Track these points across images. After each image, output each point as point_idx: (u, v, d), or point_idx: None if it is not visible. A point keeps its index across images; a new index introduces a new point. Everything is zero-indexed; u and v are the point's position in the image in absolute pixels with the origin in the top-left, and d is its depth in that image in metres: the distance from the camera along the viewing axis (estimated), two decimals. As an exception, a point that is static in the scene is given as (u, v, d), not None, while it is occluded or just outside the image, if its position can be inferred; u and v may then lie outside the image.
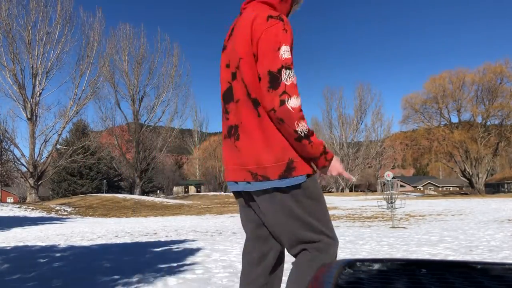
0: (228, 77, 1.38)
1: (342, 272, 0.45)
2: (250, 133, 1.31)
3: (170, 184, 55.35)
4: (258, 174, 1.30)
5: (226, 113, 1.39)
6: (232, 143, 1.37)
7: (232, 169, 1.38)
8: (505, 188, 54.16)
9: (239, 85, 1.33)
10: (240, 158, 1.34)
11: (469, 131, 39.96)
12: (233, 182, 1.40)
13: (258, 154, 1.30)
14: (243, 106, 1.33)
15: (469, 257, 4.42)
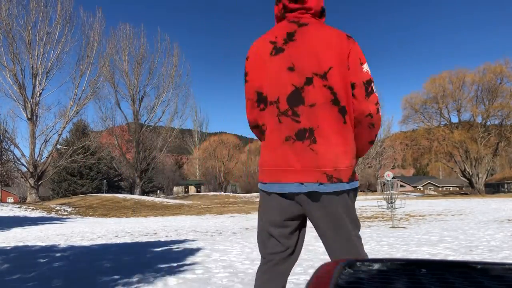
0: (294, 80, 1.43)
1: (342, 272, 0.45)
2: (330, 137, 1.40)
3: (170, 184, 55.35)
4: (333, 176, 1.39)
5: (295, 115, 1.42)
6: (305, 146, 1.40)
7: (302, 171, 1.40)
8: (505, 188, 54.15)
9: (318, 91, 1.40)
10: (317, 160, 1.39)
11: (469, 131, 39.96)
12: (297, 183, 1.40)
13: (337, 157, 1.39)
14: (322, 111, 1.40)
15: (469, 257, 4.42)
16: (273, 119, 1.45)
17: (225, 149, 69.59)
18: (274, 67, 1.46)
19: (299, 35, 1.46)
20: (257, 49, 1.52)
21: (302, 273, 3.59)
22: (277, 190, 1.44)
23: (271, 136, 1.46)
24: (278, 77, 1.45)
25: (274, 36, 1.50)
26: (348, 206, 1.44)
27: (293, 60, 1.44)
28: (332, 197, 1.40)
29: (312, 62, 1.42)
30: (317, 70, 1.41)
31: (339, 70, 1.41)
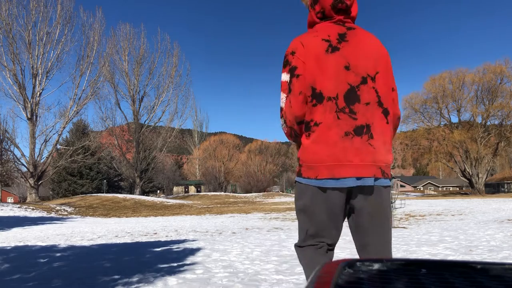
0: (350, 79, 1.49)
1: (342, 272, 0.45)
2: (380, 135, 1.52)
3: (170, 184, 55.33)
4: (385, 171, 1.50)
5: (352, 113, 1.47)
6: (364, 141, 1.47)
7: (361, 165, 1.45)
8: (505, 188, 54.15)
9: (370, 91, 1.51)
10: (374, 155, 1.47)
11: (469, 131, 39.96)
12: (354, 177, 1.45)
13: (386, 154, 1.52)
14: (374, 110, 1.51)
15: (469, 257, 4.42)
16: (331, 115, 1.47)
17: (225, 149, 69.60)
18: (332, 64, 1.49)
19: (350, 37, 1.55)
20: (309, 45, 1.52)
21: (302, 273, 3.59)
22: (334, 184, 1.46)
23: (329, 132, 1.47)
24: (336, 74, 1.49)
25: (326, 35, 1.54)
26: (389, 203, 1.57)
27: (348, 60, 1.50)
28: (382, 192, 1.51)
29: (366, 64, 1.52)
30: (369, 72, 1.52)
31: (384, 74, 1.56)
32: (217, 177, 61.95)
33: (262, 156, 74.53)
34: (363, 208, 1.50)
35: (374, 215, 1.50)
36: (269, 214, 15.66)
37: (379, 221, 1.52)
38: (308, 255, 1.57)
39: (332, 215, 1.51)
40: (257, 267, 3.95)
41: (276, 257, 4.57)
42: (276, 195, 45.93)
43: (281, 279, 3.36)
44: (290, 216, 14.18)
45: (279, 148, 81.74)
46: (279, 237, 6.74)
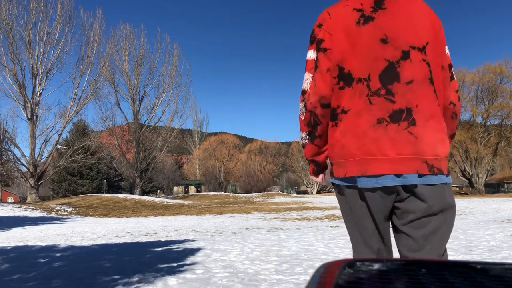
0: (387, 54, 1.22)
1: (342, 272, 0.45)
2: (429, 120, 1.21)
3: (170, 184, 55.34)
4: (434, 166, 1.19)
5: (389, 94, 1.20)
6: (401, 129, 1.19)
7: (399, 159, 1.17)
8: (505, 188, 54.16)
9: (416, 66, 1.22)
10: (416, 146, 1.18)
11: (469, 131, 39.98)
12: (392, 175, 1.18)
13: (438, 144, 1.21)
14: (420, 89, 1.22)
15: (469, 257, 4.42)
16: (361, 100, 1.22)
17: (225, 149, 69.61)
18: (364, 38, 1.23)
19: (389, 3, 1.26)
20: (338, 16, 1.28)
21: (302, 273, 3.59)
22: (365, 184, 1.20)
23: (358, 120, 1.22)
24: (369, 50, 1.23)
25: (359, 3, 1.27)
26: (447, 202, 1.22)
27: (385, 31, 1.23)
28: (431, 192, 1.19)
29: (409, 34, 1.23)
30: (415, 43, 1.23)
31: (434, 46, 1.27)
32: (217, 177, 61.95)
33: (262, 156, 74.53)
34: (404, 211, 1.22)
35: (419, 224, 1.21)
36: (269, 214, 15.66)
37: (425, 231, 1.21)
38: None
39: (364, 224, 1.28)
40: (257, 267, 3.95)
41: (276, 257, 4.57)
42: (276, 195, 45.93)
43: (281, 279, 3.36)
44: (290, 216, 14.18)
45: (279, 148, 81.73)
46: (279, 237, 6.74)
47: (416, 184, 1.17)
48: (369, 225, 1.27)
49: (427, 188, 1.18)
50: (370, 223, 1.27)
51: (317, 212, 15.97)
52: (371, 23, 1.24)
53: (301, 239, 6.38)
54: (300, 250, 5.13)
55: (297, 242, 5.97)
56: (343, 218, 1.37)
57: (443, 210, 1.21)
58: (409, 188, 1.19)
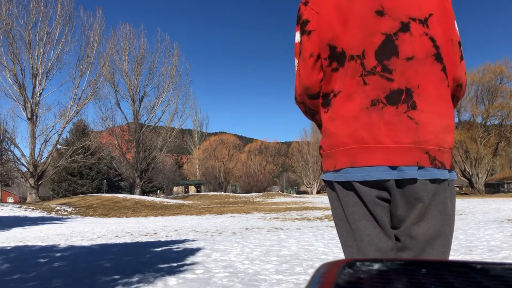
0: (384, 27, 1.06)
1: (342, 272, 0.45)
2: (433, 103, 1.04)
3: (170, 184, 55.35)
4: (436, 158, 1.01)
5: (385, 71, 1.04)
6: (400, 112, 1.02)
7: (396, 148, 1.01)
8: (505, 188, 54.16)
9: (417, 40, 1.05)
10: (417, 133, 1.01)
11: (469, 131, 39.99)
12: (386, 167, 1.01)
13: (442, 132, 1.03)
14: (423, 67, 1.05)
15: (469, 257, 4.42)
16: (354, 80, 1.06)
17: (225, 149, 69.61)
18: (357, 11, 1.08)
19: None
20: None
21: (302, 273, 3.59)
22: (356, 177, 1.03)
23: (349, 104, 1.06)
24: (364, 24, 1.07)
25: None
26: (447, 204, 1.05)
27: (381, 1, 1.07)
28: (431, 188, 1.01)
29: (409, 3, 1.06)
30: (415, 14, 1.06)
31: (440, 18, 1.09)
32: (217, 177, 61.94)
33: (262, 156, 74.53)
34: (400, 209, 1.04)
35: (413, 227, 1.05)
36: (269, 214, 15.66)
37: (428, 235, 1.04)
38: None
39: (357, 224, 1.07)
40: (257, 267, 3.95)
41: (276, 257, 4.57)
42: (276, 195, 45.93)
43: (281, 279, 3.36)
44: (290, 216, 14.19)
45: (279, 148, 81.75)
46: (279, 237, 6.74)
47: (415, 179, 1.00)
48: (364, 227, 1.06)
49: (427, 184, 1.01)
50: (366, 225, 1.06)
51: (317, 212, 15.97)
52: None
53: (301, 239, 6.37)
54: (300, 250, 5.13)
55: (297, 242, 5.97)
56: (334, 221, 1.15)
57: (447, 211, 1.05)
58: (406, 183, 1.01)
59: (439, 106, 1.04)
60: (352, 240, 1.08)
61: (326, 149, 1.11)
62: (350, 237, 1.09)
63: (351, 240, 1.09)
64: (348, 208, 1.07)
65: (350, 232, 1.09)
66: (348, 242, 1.10)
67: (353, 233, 1.08)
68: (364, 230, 1.06)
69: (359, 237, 1.06)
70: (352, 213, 1.07)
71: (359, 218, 1.06)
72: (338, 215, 1.12)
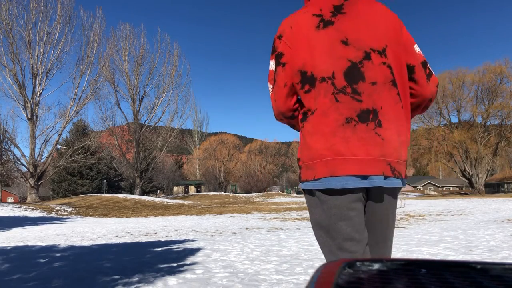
0: (350, 54, 1.21)
1: (342, 272, 0.45)
2: (393, 122, 1.21)
3: (170, 184, 55.36)
4: (396, 169, 1.20)
5: (355, 93, 1.19)
6: (369, 129, 1.18)
7: (367, 161, 1.16)
8: (505, 188, 54.16)
9: (377, 68, 1.21)
10: (383, 148, 1.17)
11: (469, 131, 39.98)
12: (360, 176, 1.16)
13: (400, 147, 1.21)
14: (384, 91, 1.21)
15: (469, 257, 4.42)
16: (327, 98, 1.20)
17: (225, 149, 69.62)
18: (324, 40, 1.23)
19: (348, 8, 1.28)
20: (297, 24, 1.28)
21: (302, 273, 3.59)
22: (336, 185, 1.17)
23: (325, 120, 1.20)
24: (331, 50, 1.22)
25: (318, 9, 1.28)
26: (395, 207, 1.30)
27: (346, 34, 1.23)
28: (389, 194, 1.24)
29: (369, 36, 1.24)
30: (374, 46, 1.23)
31: (394, 49, 1.26)
32: (217, 177, 61.96)
33: (262, 156, 74.54)
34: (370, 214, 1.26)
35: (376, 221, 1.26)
36: (269, 214, 15.66)
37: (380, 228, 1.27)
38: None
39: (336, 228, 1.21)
40: (257, 267, 3.95)
41: (276, 257, 4.57)
42: (276, 195, 45.94)
43: (281, 279, 3.37)
44: (290, 216, 14.19)
45: (279, 148, 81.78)
46: (279, 237, 6.74)
47: (381, 186, 1.19)
48: (342, 228, 1.20)
49: (389, 191, 1.23)
50: (343, 224, 1.20)
51: (317, 212, 15.94)
52: (331, 27, 1.25)
53: (301, 239, 6.38)
54: (300, 250, 5.13)
55: (297, 242, 5.97)
56: (312, 224, 1.30)
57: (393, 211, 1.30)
58: (375, 190, 1.21)
59: (396, 125, 1.22)
60: (331, 239, 1.23)
61: (306, 161, 1.24)
62: (329, 236, 1.23)
63: (330, 240, 1.23)
64: (328, 212, 1.22)
65: (328, 232, 1.23)
66: (328, 242, 1.24)
67: (331, 233, 1.22)
68: (341, 229, 1.20)
69: (337, 235, 1.21)
70: (331, 216, 1.21)
71: (338, 220, 1.21)
72: (318, 219, 1.26)
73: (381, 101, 1.20)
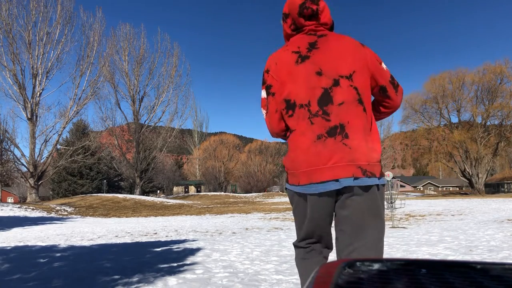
0: (322, 83, 1.51)
1: (342, 272, 0.45)
2: (359, 133, 1.48)
3: (170, 184, 55.34)
4: (367, 170, 1.43)
5: (325, 114, 1.48)
6: (337, 141, 1.45)
7: (337, 167, 1.43)
8: (505, 188, 54.14)
9: (345, 91, 1.50)
10: (351, 154, 1.44)
11: (469, 131, 39.96)
12: (332, 180, 1.43)
13: (368, 152, 1.46)
14: (351, 109, 1.49)
15: (469, 257, 4.42)
16: (304, 122, 1.50)
17: (225, 149, 69.60)
18: (302, 73, 1.53)
19: (321, 44, 1.57)
20: (280, 60, 1.59)
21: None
22: (314, 191, 1.46)
23: (303, 138, 1.50)
24: (308, 81, 1.52)
25: (296, 47, 1.59)
26: (377, 202, 1.47)
27: (320, 65, 1.53)
28: (365, 192, 1.44)
29: (338, 66, 1.52)
30: (343, 73, 1.52)
31: (361, 74, 1.53)
32: (217, 177, 61.95)
33: (262, 156, 74.51)
34: (344, 210, 1.47)
35: (355, 218, 1.46)
36: (269, 214, 15.66)
37: (359, 226, 1.46)
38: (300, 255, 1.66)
39: (318, 220, 1.53)
40: (257, 267, 3.95)
41: (276, 257, 4.57)
42: (276, 195, 45.93)
43: (281, 279, 3.37)
44: (290, 216, 14.18)
45: (279, 148, 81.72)
46: (279, 237, 6.74)
47: (353, 186, 1.42)
48: (312, 224, 1.56)
49: (362, 188, 1.44)
50: (313, 222, 1.55)
51: (317, 212, 15.95)
52: (307, 61, 1.54)
53: (301, 239, 6.36)
54: (300, 250, 5.12)
55: (297, 242, 5.96)
56: (293, 213, 1.64)
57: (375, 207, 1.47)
58: (348, 190, 1.44)
59: (364, 135, 1.48)
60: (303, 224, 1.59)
61: (291, 169, 1.55)
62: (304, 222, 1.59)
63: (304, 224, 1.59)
64: (309, 209, 1.54)
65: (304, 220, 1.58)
66: (302, 225, 1.61)
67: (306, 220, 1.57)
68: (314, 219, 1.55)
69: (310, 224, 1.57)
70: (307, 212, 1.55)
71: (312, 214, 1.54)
72: (297, 211, 1.61)
73: (348, 117, 1.48)
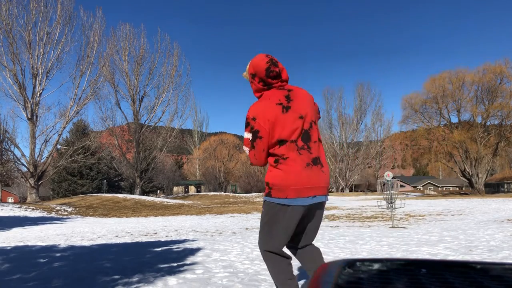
0: (304, 125, 2.04)
1: (342, 272, 0.45)
2: (325, 163, 2.10)
3: (170, 184, 55.35)
4: (328, 190, 2.10)
5: (309, 148, 2.03)
6: (319, 169, 2.03)
7: (319, 187, 2.00)
8: (505, 188, 54.14)
9: (315, 132, 2.09)
10: (325, 179, 2.05)
11: (469, 131, 39.94)
12: (311, 196, 1.98)
13: (328, 178, 2.09)
14: (320, 145, 2.10)
15: (469, 257, 4.42)
16: (294, 153, 1.99)
17: (225, 149, 69.59)
18: (290, 119, 2.01)
19: (293, 96, 2.09)
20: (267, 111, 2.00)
21: (302, 274, 3.59)
22: (300, 203, 1.97)
23: (295, 163, 1.98)
24: (293, 124, 2.01)
25: (277, 99, 2.05)
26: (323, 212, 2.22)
27: (300, 112, 2.05)
28: (323, 206, 2.14)
29: (309, 113, 2.09)
30: (312, 118, 2.11)
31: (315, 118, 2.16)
32: (217, 177, 61.96)
33: (262, 156, 74.36)
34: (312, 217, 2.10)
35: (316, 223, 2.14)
36: (269, 214, 15.62)
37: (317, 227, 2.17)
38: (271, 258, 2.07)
39: (291, 226, 2.01)
40: (257, 267, 3.95)
41: (276, 257, 4.56)
42: (276, 195, 45.78)
43: (281, 279, 3.36)
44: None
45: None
46: (279, 237, 6.73)
47: (323, 202, 2.08)
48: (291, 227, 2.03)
49: (324, 203, 2.12)
50: (292, 226, 2.02)
51: (317, 212, 15.93)
52: (290, 110, 2.03)
53: (301, 239, 6.36)
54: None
55: (297, 242, 5.96)
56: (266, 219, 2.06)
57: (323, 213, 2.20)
58: (321, 204, 2.08)
59: (326, 165, 2.11)
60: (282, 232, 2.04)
61: (279, 186, 1.98)
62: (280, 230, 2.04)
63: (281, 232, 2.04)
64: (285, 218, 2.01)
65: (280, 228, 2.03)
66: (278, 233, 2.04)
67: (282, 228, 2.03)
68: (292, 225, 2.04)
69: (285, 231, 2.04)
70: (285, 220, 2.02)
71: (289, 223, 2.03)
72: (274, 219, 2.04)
73: (319, 152, 2.07)
